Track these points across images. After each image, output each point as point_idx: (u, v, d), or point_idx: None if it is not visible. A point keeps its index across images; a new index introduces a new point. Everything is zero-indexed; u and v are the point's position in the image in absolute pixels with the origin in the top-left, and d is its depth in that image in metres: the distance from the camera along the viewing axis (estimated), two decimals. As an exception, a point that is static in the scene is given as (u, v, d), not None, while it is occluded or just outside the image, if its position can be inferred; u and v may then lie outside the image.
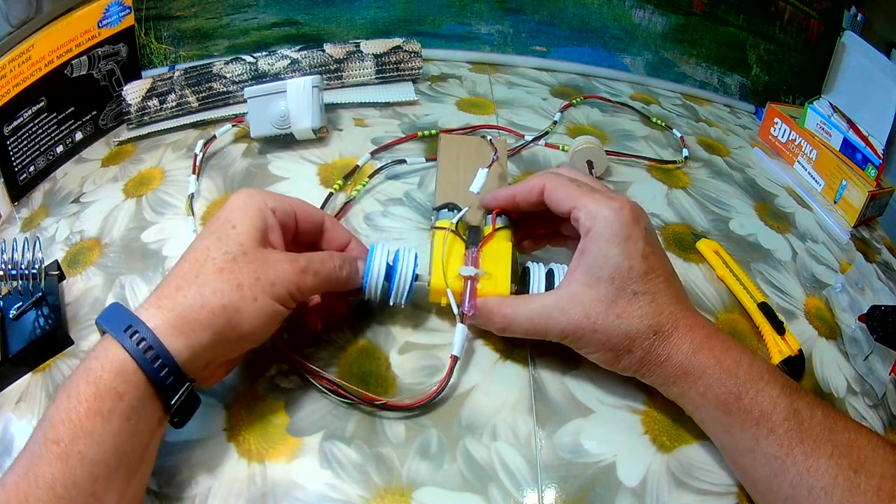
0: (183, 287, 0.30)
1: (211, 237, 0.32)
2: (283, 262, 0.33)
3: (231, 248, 0.31)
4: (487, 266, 0.39)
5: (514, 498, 0.33)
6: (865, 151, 0.60)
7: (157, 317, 0.29)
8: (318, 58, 0.64)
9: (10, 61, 0.51)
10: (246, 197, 0.34)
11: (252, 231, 0.32)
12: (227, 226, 0.32)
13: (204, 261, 0.31)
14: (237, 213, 0.33)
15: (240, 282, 0.31)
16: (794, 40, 0.73)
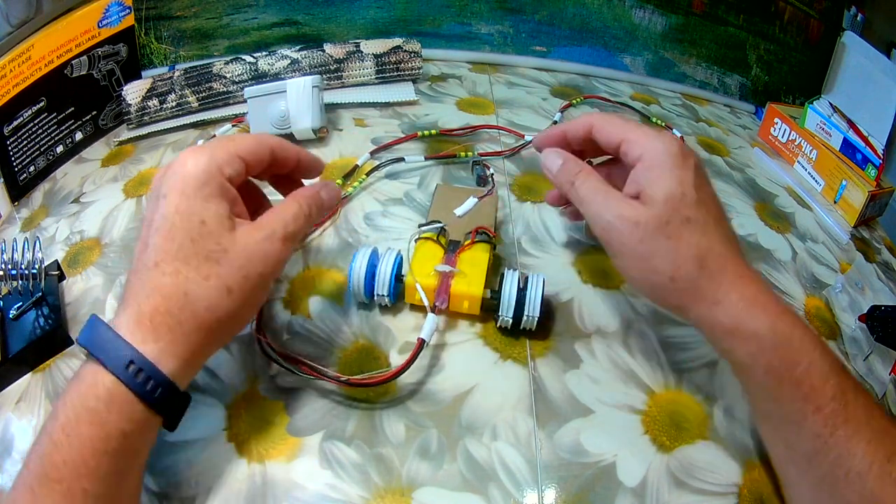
0: (163, 304, 0.28)
1: (182, 236, 0.29)
2: (263, 244, 0.30)
3: (211, 249, 0.29)
4: (463, 268, 0.40)
5: (514, 498, 0.33)
6: (865, 151, 0.60)
7: (156, 349, 0.27)
8: (318, 58, 0.64)
9: (10, 61, 0.51)
10: (202, 174, 0.30)
11: (223, 220, 0.30)
12: (195, 221, 0.29)
13: (185, 270, 0.28)
14: (201, 199, 0.29)
15: (229, 286, 0.29)
16: (794, 40, 0.73)
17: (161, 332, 0.28)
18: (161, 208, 0.29)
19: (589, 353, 0.41)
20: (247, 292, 0.30)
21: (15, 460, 0.36)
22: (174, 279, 0.28)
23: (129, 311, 0.28)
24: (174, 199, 0.29)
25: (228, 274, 0.29)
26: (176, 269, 0.28)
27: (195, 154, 0.31)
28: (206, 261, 0.29)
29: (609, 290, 0.45)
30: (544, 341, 0.41)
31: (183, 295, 0.28)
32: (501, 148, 0.59)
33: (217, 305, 0.29)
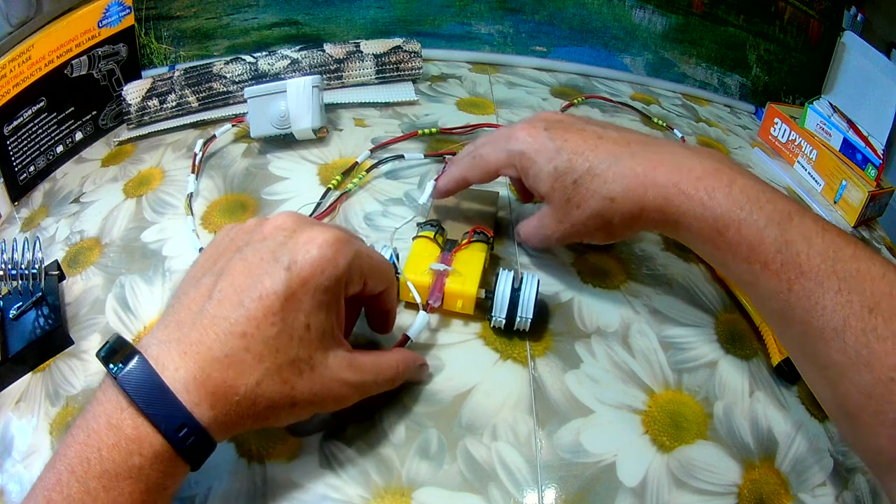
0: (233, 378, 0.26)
1: (282, 327, 0.26)
2: (345, 387, 0.29)
3: (301, 357, 0.27)
4: (459, 268, 0.40)
5: (514, 498, 0.33)
6: (865, 151, 0.60)
7: (208, 415, 0.26)
8: (318, 58, 0.64)
9: (10, 61, 0.51)
10: (334, 277, 0.28)
11: (325, 335, 0.28)
12: (302, 321, 0.27)
13: (269, 361, 0.26)
14: (317, 300, 0.27)
15: (296, 401, 0.28)
16: (794, 40, 0.73)
17: (218, 405, 0.26)
18: (277, 282, 0.27)
19: (589, 353, 0.41)
20: (303, 412, 0.29)
21: (15, 460, 0.36)
22: (255, 362, 0.26)
23: (191, 366, 0.26)
24: (295, 284, 0.27)
25: (302, 391, 0.28)
26: (261, 353, 0.26)
27: (338, 248, 0.28)
28: (291, 366, 0.27)
29: (609, 290, 0.45)
30: (544, 341, 0.41)
31: (255, 384, 0.26)
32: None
33: (277, 409, 0.27)
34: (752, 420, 0.38)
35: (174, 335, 0.26)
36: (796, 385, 0.42)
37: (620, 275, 0.46)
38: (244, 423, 0.27)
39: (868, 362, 0.27)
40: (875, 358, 0.26)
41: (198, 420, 0.25)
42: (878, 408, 0.27)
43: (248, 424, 0.27)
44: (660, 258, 0.49)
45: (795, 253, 0.29)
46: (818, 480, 0.36)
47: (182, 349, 0.26)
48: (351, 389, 0.30)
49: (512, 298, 0.39)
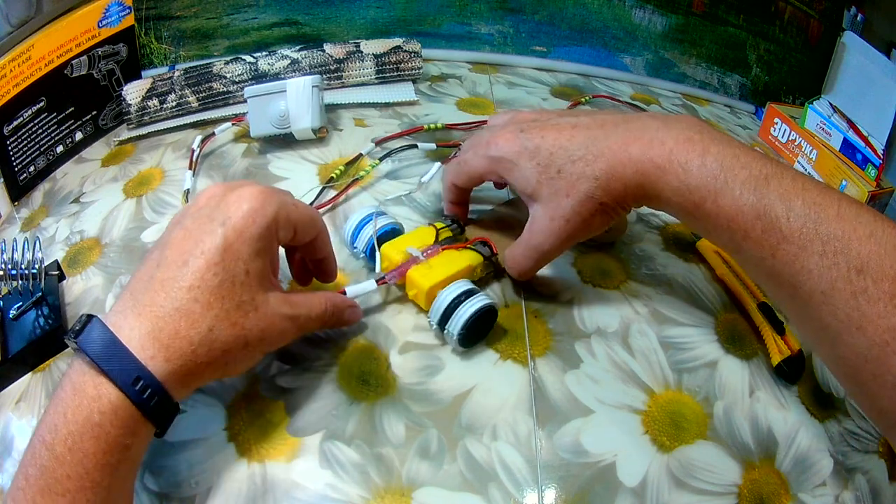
0: (185, 329, 0.28)
1: (225, 276, 0.29)
2: (285, 321, 0.32)
3: (244, 300, 0.29)
4: (437, 263, 0.40)
5: (514, 498, 0.33)
6: (865, 151, 0.60)
7: (164, 368, 0.27)
8: (318, 58, 0.64)
9: (10, 61, 0.51)
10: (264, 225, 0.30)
11: (263, 278, 0.31)
12: (241, 268, 0.29)
13: (217, 307, 0.29)
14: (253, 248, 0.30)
15: (247, 340, 0.30)
16: (794, 40, 0.73)
17: (174, 356, 0.28)
18: (215, 237, 0.29)
19: (589, 353, 0.41)
20: (255, 351, 0.31)
21: (15, 460, 0.36)
22: (204, 310, 0.28)
23: (142, 323, 0.28)
24: (231, 236, 0.30)
25: (250, 330, 0.30)
26: (209, 301, 0.28)
27: (264, 199, 0.31)
28: (238, 309, 0.29)
29: (609, 290, 0.45)
30: (544, 341, 0.41)
31: (208, 329, 0.28)
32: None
33: (231, 352, 0.29)
34: (752, 420, 0.38)
35: (129, 303, 0.29)
36: (796, 385, 0.42)
37: (620, 275, 0.46)
38: (202, 372, 0.29)
39: (860, 325, 0.26)
40: (867, 321, 0.26)
41: (152, 373, 0.27)
42: (875, 370, 0.26)
43: (207, 374, 0.29)
44: (660, 258, 0.49)
45: (775, 218, 0.28)
46: (818, 480, 0.36)
47: (136, 312, 0.28)
48: (290, 323, 0.32)
49: (448, 308, 0.38)
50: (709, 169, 0.31)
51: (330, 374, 0.38)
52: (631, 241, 0.50)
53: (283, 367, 0.39)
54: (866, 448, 0.40)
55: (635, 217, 0.53)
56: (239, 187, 0.32)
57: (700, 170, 0.31)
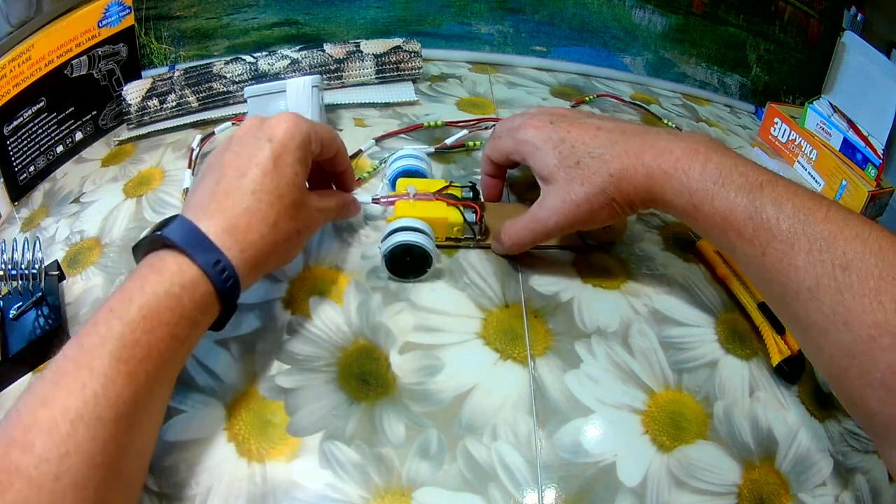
0: (256, 224, 0.33)
1: (279, 179, 0.34)
2: (322, 213, 0.40)
3: (296, 198, 0.35)
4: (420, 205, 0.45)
5: (514, 498, 0.33)
6: (865, 151, 0.60)
7: (239, 257, 0.32)
8: (318, 58, 0.64)
9: (10, 61, 0.51)
10: (301, 139, 0.36)
11: (304, 180, 0.37)
12: (291, 171, 0.35)
13: (278, 205, 0.34)
14: (296, 157, 0.36)
15: (299, 229, 0.36)
16: (794, 40, 0.73)
17: (246, 246, 0.32)
18: (265, 151, 0.35)
19: (589, 353, 0.41)
20: (303, 238, 0.38)
21: (15, 460, 0.36)
22: (268, 208, 0.34)
23: (218, 221, 0.32)
24: (278, 149, 0.35)
25: (301, 222, 0.36)
26: (271, 201, 0.34)
27: (297, 120, 0.37)
28: (293, 205, 0.35)
29: (609, 290, 0.45)
30: (544, 341, 0.41)
31: (273, 224, 0.34)
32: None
33: (291, 240, 0.36)
34: (752, 420, 0.38)
35: (197, 213, 0.33)
36: (796, 385, 0.42)
37: (620, 275, 0.46)
38: (268, 259, 0.34)
39: (845, 320, 0.27)
40: (852, 316, 0.27)
41: (230, 259, 0.31)
42: (862, 367, 0.27)
43: (272, 261, 0.35)
44: (660, 258, 0.49)
45: (766, 219, 0.31)
46: (818, 480, 0.36)
47: (208, 216, 0.32)
48: (321, 214, 0.40)
49: (389, 232, 0.42)
50: (709, 174, 0.34)
51: (330, 374, 0.38)
52: (631, 241, 0.50)
53: (283, 367, 0.39)
54: (866, 448, 0.39)
55: (635, 217, 0.53)
56: (272, 116, 0.37)
57: (701, 175, 0.34)
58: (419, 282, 0.44)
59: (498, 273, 0.45)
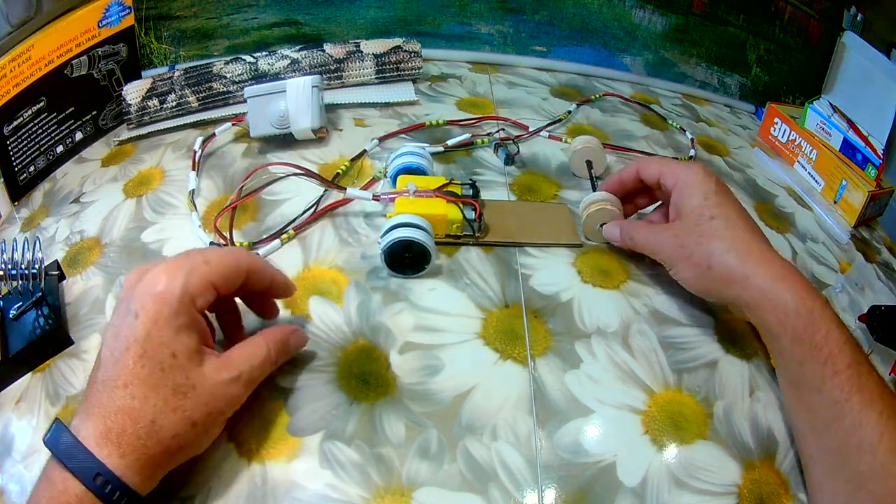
0: (131, 426, 0.29)
1: (152, 364, 0.30)
2: (228, 386, 0.32)
3: (179, 382, 0.30)
4: (420, 201, 0.45)
5: (514, 498, 0.33)
6: (865, 151, 0.60)
7: (120, 463, 0.28)
8: (318, 58, 0.64)
9: (10, 61, 0.51)
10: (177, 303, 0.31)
11: (193, 354, 0.31)
12: (166, 352, 0.30)
13: (154, 398, 0.29)
14: (172, 329, 0.30)
15: (194, 420, 0.30)
16: (794, 40, 0.73)
17: (126, 451, 0.29)
18: (133, 330, 0.30)
19: (589, 353, 0.41)
20: (208, 426, 0.31)
21: (15, 460, 0.36)
22: (143, 405, 0.29)
23: (95, 424, 0.29)
24: (147, 325, 0.30)
25: (194, 408, 0.30)
26: (145, 394, 0.29)
27: (170, 276, 0.31)
28: (174, 394, 0.30)
29: (609, 289, 0.45)
30: (544, 341, 0.41)
31: (150, 422, 0.29)
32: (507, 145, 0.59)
33: (181, 436, 0.30)
34: (752, 420, 0.38)
35: (83, 407, 0.30)
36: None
37: (620, 275, 0.46)
38: (161, 461, 0.30)
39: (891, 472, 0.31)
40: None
41: (111, 469, 0.28)
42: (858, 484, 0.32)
43: (165, 461, 0.30)
44: (660, 258, 0.49)
45: (860, 373, 0.34)
46: (818, 480, 0.36)
47: (88, 413, 0.29)
48: (235, 386, 0.32)
49: (388, 228, 0.42)
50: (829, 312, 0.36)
51: (330, 374, 0.38)
52: (631, 241, 0.50)
53: (283, 367, 0.39)
54: (866, 448, 0.39)
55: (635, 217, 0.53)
56: (147, 271, 0.32)
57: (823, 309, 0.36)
58: (418, 278, 0.44)
59: (498, 273, 0.45)
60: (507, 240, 0.48)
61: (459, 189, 0.48)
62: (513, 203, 0.52)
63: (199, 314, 0.32)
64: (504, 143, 0.57)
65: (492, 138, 0.59)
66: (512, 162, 0.55)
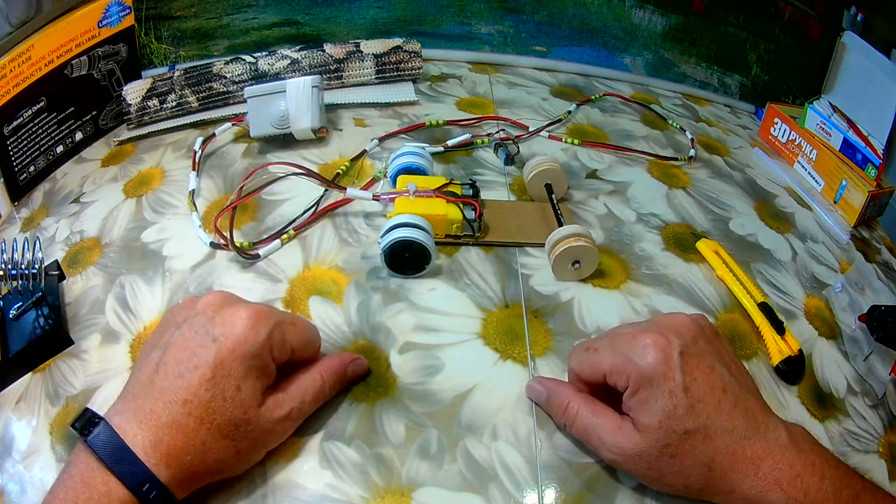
0: (182, 442, 0.30)
1: (217, 391, 0.30)
2: (281, 424, 0.33)
3: (236, 416, 0.31)
4: (420, 201, 0.45)
5: (514, 498, 0.33)
6: (865, 151, 0.60)
7: (166, 473, 0.29)
8: (318, 58, 0.64)
9: (10, 61, 0.51)
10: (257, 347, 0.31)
11: (256, 395, 0.31)
12: (233, 385, 0.31)
13: (209, 422, 0.30)
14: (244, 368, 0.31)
15: (240, 450, 0.31)
16: (794, 40, 0.73)
17: (173, 464, 0.29)
18: (208, 352, 0.31)
19: (589, 353, 0.41)
20: (253, 456, 0.33)
21: (15, 460, 0.36)
22: (198, 426, 0.30)
23: (145, 432, 0.29)
24: (223, 355, 0.31)
25: (244, 441, 0.31)
26: (202, 417, 0.30)
27: (258, 321, 0.32)
28: (229, 424, 0.31)
29: (609, 289, 0.45)
30: (544, 341, 0.41)
31: (201, 444, 0.30)
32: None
33: (225, 461, 0.31)
34: None
35: (130, 406, 0.30)
36: (796, 385, 0.42)
37: (620, 275, 0.46)
38: (200, 478, 0.31)
39: None
40: None
41: (157, 477, 0.29)
42: None
43: (205, 479, 0.31)
44: (660, 258, 0.49)
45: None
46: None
47: (138, 418, 0.30)
48: (285, 423, 0.33)
49: (388, 228, 0.43)
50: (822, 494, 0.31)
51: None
52: (631, 241, 0.50)
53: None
54: (866, 448, 0.39)
55: (635, 217, 0.53)
56: (235, 304, 0.33)
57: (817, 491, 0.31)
58: (418, 278, 0.44)
59: (498, 273, 0.45)
60: (507, 240, 0.47)
61: (459, 189, 0.48)
62: (513, 203, 0.52)
63: (272, 363, 0.32)
64: (504, 143, 0.57)
65: (492, 138, 0.59)
66: (512, 162, 0.55)
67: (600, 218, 0.52)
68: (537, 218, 0.50)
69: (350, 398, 0.37)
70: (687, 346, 0.33)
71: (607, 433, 0.33)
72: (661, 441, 0.31)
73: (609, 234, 0.50)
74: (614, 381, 0.33)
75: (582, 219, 0.52)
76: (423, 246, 0.42)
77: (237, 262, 0.45)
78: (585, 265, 0.44)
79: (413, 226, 0.42)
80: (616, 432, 0.33)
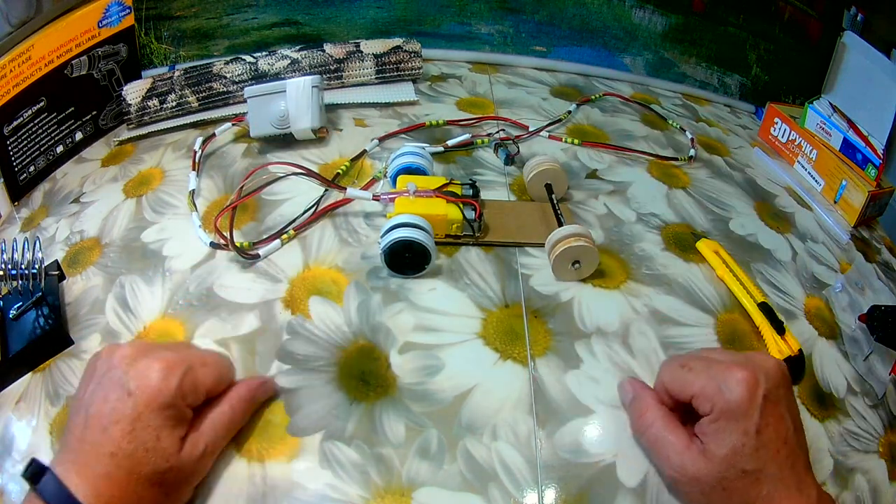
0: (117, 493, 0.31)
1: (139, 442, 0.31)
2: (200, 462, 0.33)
3: (159, 464, 0.32)
4: (420, 201, 0.45)
5: (514, 498, 0.33)
6: (865, 151, 0.60)
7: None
8: (318, 58, 0.64)
9: (10, 61, 0.51)
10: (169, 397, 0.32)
11: (176, 443, 0.32)
12: (153, 435, 0.32)
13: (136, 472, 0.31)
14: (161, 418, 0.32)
15: (168, 492, 0.33)
16: (794, 40, 0.73)
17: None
18: (125, 405, 0.32)
19: (589, 353, 0.41)
20: (182, 495, 0.33)
21: (15, 460, 0.36)
22: (128, 477, 0.31)
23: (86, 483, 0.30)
24: (140, 408, 0.32)
25: (171, 486, 0.33)
26: (130, 469, 0.31)
27: (170, 371, 0.33)
28: (155, 474, 0.32)
29: (609, 289, 0.45)
30: (544, 341, 0.41)
31: (133, 493, 0.31)
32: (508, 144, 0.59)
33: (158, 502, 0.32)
34: None
35: (70, 457, 0.32)
36: (796, 385, 0.41)
37: (620, 275, 0.46)
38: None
39: None
40: None
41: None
42: None
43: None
44: (660, 258, 0.49)
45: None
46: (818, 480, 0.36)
47: (76, 470, 0.31)
48: (204, 459, 0.34)
49: (388, 228, 0.43)
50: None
51: (330, 374, 0.38)
52: (631, 241, 0.50)
53: (283, 367, 0.39)
54: (866, 448, 0.39)
55: (635, 217, 0.53)
56: (147, 355, 0.33)
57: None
58: (418, 278, 0.44)
59: (498, 273, 0.45)
60: (507, 240, 0.47)
61: (459, 189, 0.48)
62: (513, 203, 0.52)
63: (188, 409, 0.33)
64: (504, 143, 0.57)
65: (492, 138, 0.59)
66: (512, 162, 0.55)
67: (600, 218, 0.52)
68: (537, 218, 0.50)
69: (350, 398, 0.37)
70: (770, 391, 0.34)
71: (675, 451, 0.34)
72: (721, 473, 0.32)
73: (609, 234, 0.50)
74: (699, 404, 0.34)
75: (582, 219, 0.52)
76: (423, 246, 0.42)
77: (237, 262, 0.45)
78: (585, 265, 0.44)
79: (413, 226, 0.43)
80: (683, 452, 0.33)
